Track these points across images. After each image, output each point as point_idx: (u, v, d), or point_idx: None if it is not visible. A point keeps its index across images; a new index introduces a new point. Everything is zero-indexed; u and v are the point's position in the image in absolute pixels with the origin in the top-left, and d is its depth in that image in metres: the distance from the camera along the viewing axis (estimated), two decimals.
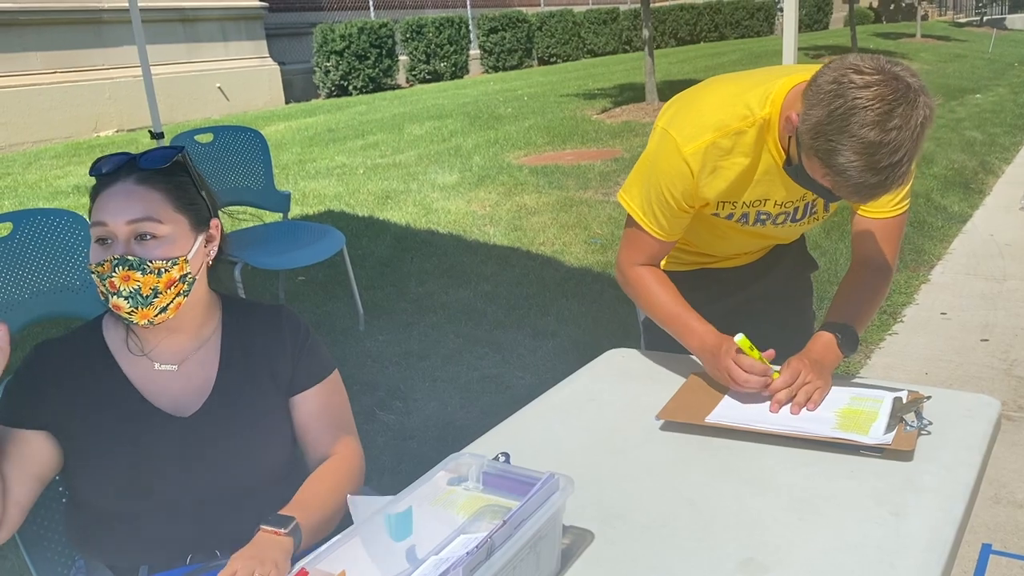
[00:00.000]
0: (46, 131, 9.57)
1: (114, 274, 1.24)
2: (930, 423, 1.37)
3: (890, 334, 3.77)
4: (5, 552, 2.38)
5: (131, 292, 1.25)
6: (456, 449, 1.24)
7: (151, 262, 1.25)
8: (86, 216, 1.32)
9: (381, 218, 5.71)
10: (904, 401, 1.44)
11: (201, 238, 1.33)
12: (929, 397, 1.45)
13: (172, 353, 1.36)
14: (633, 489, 1.27)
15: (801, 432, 1.37)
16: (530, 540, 1.00)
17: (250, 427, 1.36)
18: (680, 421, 1.45)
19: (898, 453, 1.30)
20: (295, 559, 1.21)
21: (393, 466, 2.74)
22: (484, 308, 4.11)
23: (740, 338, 1.47)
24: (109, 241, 1.26)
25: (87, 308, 2.62)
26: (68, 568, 1.43)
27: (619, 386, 1.64)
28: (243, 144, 3.87)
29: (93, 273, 1.25)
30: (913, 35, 19.81)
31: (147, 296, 1.25)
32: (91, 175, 1.30)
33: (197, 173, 1.37)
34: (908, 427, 1.36)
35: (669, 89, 10.37)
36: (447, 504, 1.19)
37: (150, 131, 3.98)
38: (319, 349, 1.45)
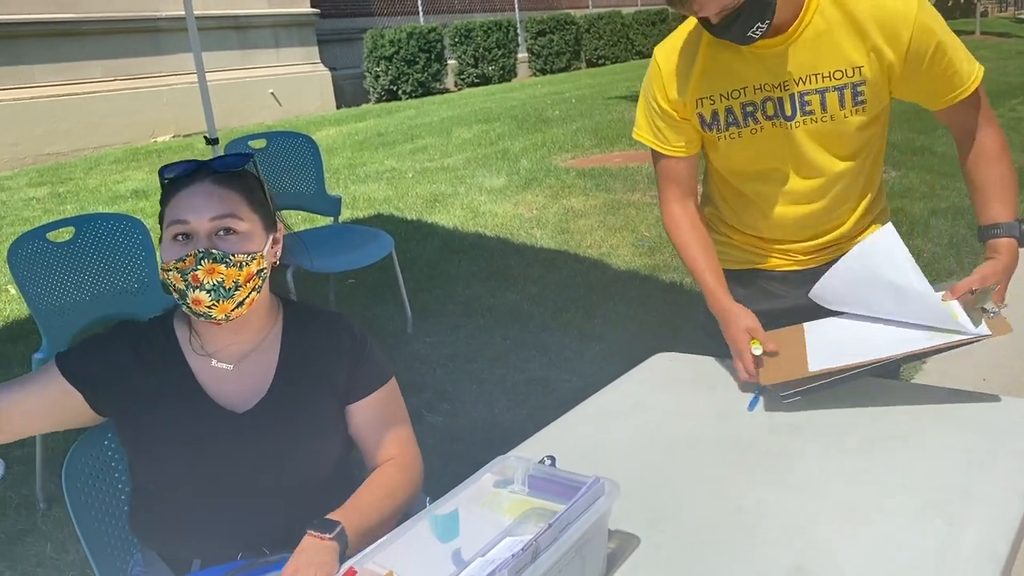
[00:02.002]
0: (105, 137, 9.84)
1: (199, 267, 1.27)
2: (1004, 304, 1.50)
3: None
4: (67, 545, 2.46)
5: (214, 285, 1.28)
6: (502, 451, 1.24)
7: (233, 255, 1.29)
8: (142, 219, 1.36)
9: (429, 221, 5.75)
10: (972, 295, 1.51)
11: (271, 238, 1.37)
12: (976, 290, 1.51)
13: (231, 353, 1.39)
14: (680, 494, 1.27)
15: (903, 351, 1.46)
16: (575, 544, 1.00)
17: (302, 428, 1.38)
18: (787, 380, 1.49)
19: (1002, 332, 1.44)
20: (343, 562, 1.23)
21: (440, 468, 2.74)
22: (531, 311, 4.12)
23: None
24: (189, 238, 1.30)
25: (145, 310, 2.70)
26: (126, 562, 1.47)
27: (666, 390, 1.63)
28: (295, 150, 3.94)
29: (171, 270, 1.28)
30: (972, 32, 19.30)
31: (229, 289, 1.29)
32: (164, 178, 1.35)
33: (263, 179, 1.41)
34: (992, 313, 1.47)
35: None
36: (493, 506, 1.20)
37: (205, 136, 4.06)
38: (376, 358, 1.46)
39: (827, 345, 1.53)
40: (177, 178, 1.34)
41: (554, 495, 1.17)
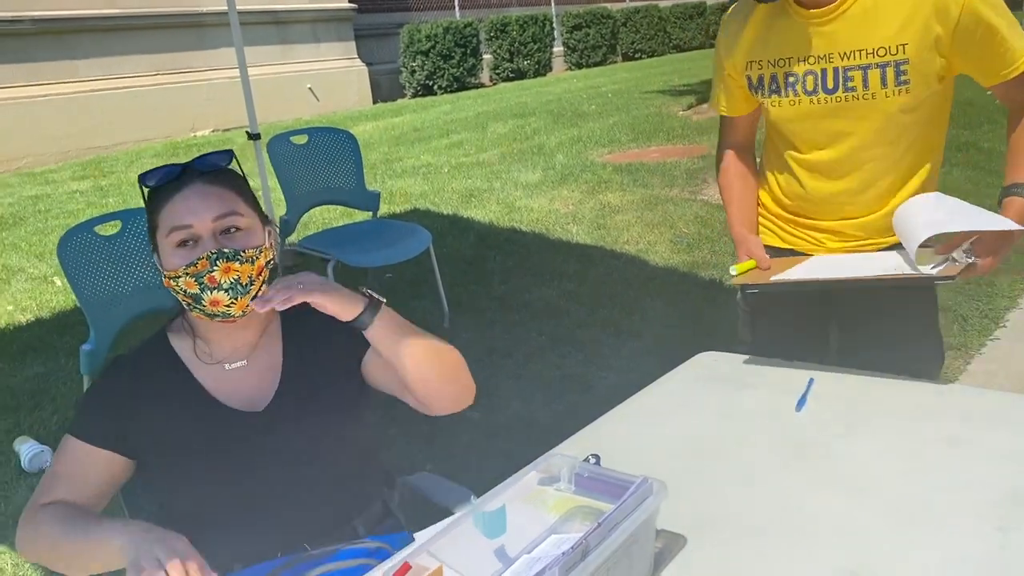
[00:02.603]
0: (147, 131, 9.99)
1: (215, 268, 1.26)
2: (977, 258, 1.54)
3: (992, 339, 3.61)
4: None
5: (231, 283, 1.27)
6: (541, 448, 1.24)
7: (244, 251, 1.29)
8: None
9: (465, 216, 5.77)
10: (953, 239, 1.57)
11: (267, 231, 1.37)
12: (977, 237, 1.54)
13: (239, 350, 1.39)
14: (727, 495, 1.26)
15: (862, 275, 1.58)
16: (624, 543, 1.00)
17: (324, 408, 1.37)
18: (749, 282, 1.71)
19: (945, 279, 1.51)
20: (379, 559, 1.23)
21: (478, 463, 2.77)
22: (567, 307, 4.11)
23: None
24: (194, 242, 1.28)
25: None
26: None
27: (710, 390, 1.62)
28: (335, 145, 3.97)
29: (181, 277, 1.26)
30: None
31: (246, 285, 1.29)
32: (146, 185, 1.32)
33: (244, 175, 1.40)
34: (954, 261, 1.55)
35: None
36: (538, 504, 1.20)
37: (247, 131, 4.11)
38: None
39: (802, 270, 1.72)
40: (163, 184, 1.31)
41: (600, 494, 1.17)
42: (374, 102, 12.94)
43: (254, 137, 4.05)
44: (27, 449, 2.90)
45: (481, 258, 4.89)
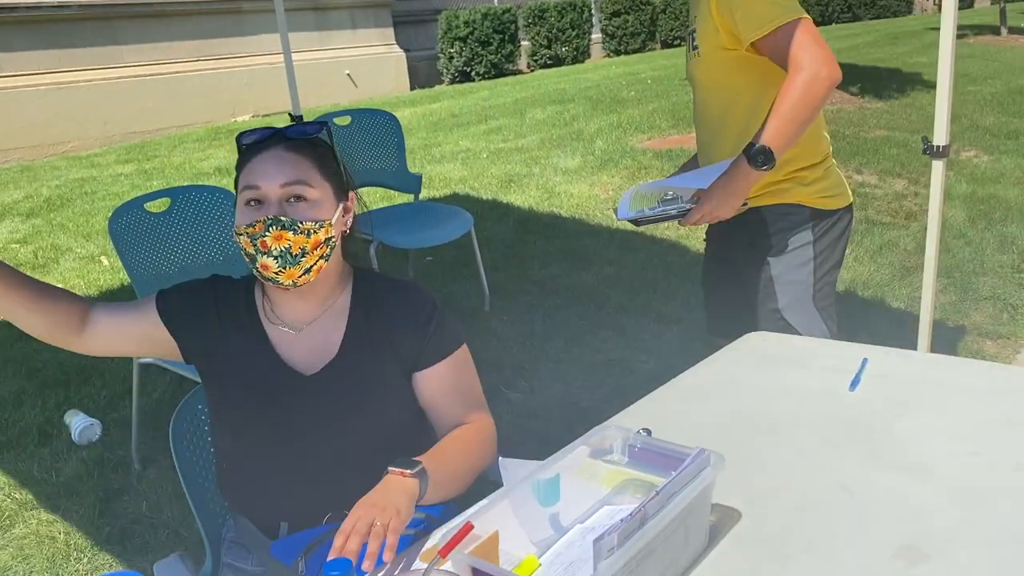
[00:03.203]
0: (188, 116, 10.11)
1: (267, 233, 1.29)
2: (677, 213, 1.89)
3: None
4: (161, 505, 2.55)
5: (281, 251, 1.30)
6: (581, 430, 1.23)
7: (301, 223, 1.31)
8: (233, 191, 1.39)
9: (505, 201, 5.76)
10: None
11: (341, 207, 1.39)
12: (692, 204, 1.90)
13: (298, 318, 1.41)
14: (780, 471, 1.25)
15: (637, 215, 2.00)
16: (681, 514, 0.99)
17: (366, 393, 1.39)
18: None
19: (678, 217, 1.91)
20: (424, 529, 1.24)
21: (519, 443, 2.76)
22: (607, 292, 4.09)
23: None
24: (260, 203, 1.32)
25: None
26: (222, 526, 1.52)
27: (761, 369, 1.60)
28: (379, 127, 3.99)
29: (242, 235, 1.31)
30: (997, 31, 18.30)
31: (295, 256, 1.31)
32: (240, 144, 1.38)
33: (336, 147, 1.42)
34: (648, 212, 1.94)
35: None
36: (589, 476, 1.20)
37: (289, 114, 4.14)
38: (447, 324, 1.46)
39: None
40: (253, 144, 1.36)
41: (653, 466, 1.17)
42: (411, 88, 12.96)
43: (296, 120, 4.08)
44: (77, 422, 2.96)
45: (521, 243, 4.88)
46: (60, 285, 1.56)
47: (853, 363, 1.55)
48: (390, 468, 1.24)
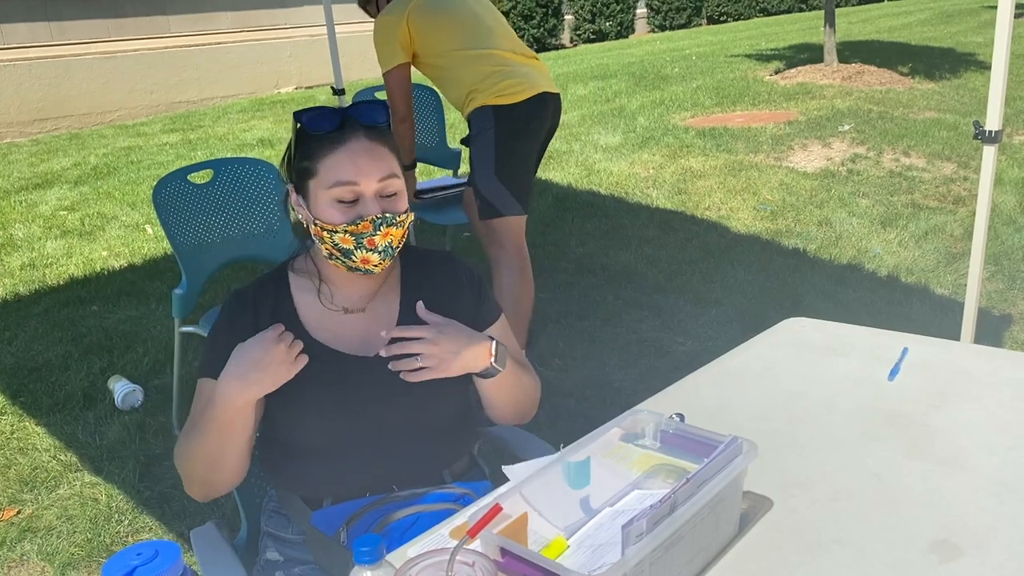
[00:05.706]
0: (232, 87, 10.20)
1: (376, 232, 1.28)
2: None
3: None
4: None
5: (386, 247, 1.30)
6: (615, 410, 1.23)
7: (399, 216, 1.31)
8: (278, 166, 1.37)
9: (543, 178, 5.73)
10: None
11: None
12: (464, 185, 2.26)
13: (360, 298, 1.41)
14: (814, 460, 1.24)
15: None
16: (711, 501, 0.99)
17: None
18: None
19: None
20: (464, 503, 1.24)
21: (551, 421, 2.78)
22: (645, 271, 4.07)
23: None
24: (355, 199, 1.29)
25: (273, 253, 2.80)
26: (262, 497, 1.54)
27: (798, 355, 1.58)
28: (419, 102, 3.98)
29: (339, 232, 1.27)
30: None
31: (395, 248, 1.33)
32: (309, 130, 1.30)
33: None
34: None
35: (850, 50, 9.78)
36: (620, 459, 1.20)
37: (332, 87, 4.15)
38: (489, 293, 1.50)
39: None
40: (322, 130, 1.30)
41: (685, 452, 1.16)
42: None
43: (339, 92, 4.09)
44: (120, 387, 3.03)
45: (559, 220, 4.87)
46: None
47: (893, 352, 1.52)
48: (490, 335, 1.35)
